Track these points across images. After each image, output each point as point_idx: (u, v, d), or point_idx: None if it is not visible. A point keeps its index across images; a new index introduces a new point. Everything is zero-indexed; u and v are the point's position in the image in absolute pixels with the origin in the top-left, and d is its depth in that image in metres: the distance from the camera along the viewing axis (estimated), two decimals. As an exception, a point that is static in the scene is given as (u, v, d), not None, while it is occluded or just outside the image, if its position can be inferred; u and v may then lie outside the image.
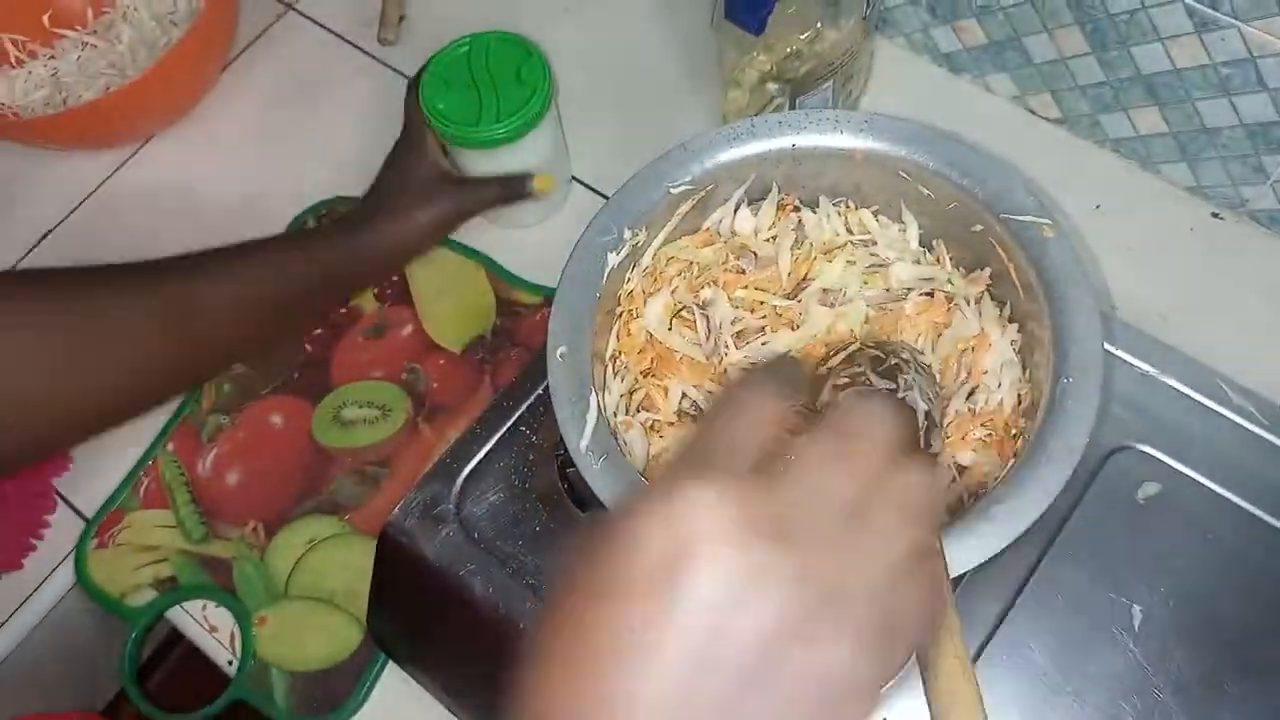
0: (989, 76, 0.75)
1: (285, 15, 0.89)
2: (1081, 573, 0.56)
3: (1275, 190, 0.67)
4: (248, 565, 0.68)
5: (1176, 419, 0.59)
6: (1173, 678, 0.53)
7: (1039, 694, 0.53)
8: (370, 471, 0.70)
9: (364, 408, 0.72)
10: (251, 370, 0.74)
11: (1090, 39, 0.66)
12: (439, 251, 0.76)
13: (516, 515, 0.61)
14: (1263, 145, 0.64)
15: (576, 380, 0.51)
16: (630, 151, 0.58)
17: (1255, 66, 0.60)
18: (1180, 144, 0.68)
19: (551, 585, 0.34)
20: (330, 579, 0.67)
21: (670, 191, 0.56)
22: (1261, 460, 0.58)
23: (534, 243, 0.75)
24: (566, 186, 0.76)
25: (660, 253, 0.59)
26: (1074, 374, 0.49)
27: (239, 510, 0.70)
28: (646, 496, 0.26)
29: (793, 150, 0.57)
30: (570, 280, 0.54)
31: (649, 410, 0.56)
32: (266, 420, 0.72)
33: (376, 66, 0.86)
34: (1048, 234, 0.52)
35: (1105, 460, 0.58)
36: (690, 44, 0.81)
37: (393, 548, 0.61)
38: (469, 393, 0.71)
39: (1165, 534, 0.56)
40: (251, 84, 0.86)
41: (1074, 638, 0.54)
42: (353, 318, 0.75)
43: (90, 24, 0.87)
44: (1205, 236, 0.70)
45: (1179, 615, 0.54)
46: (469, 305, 0.74)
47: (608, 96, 0.81)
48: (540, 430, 0.62)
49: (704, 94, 0.78)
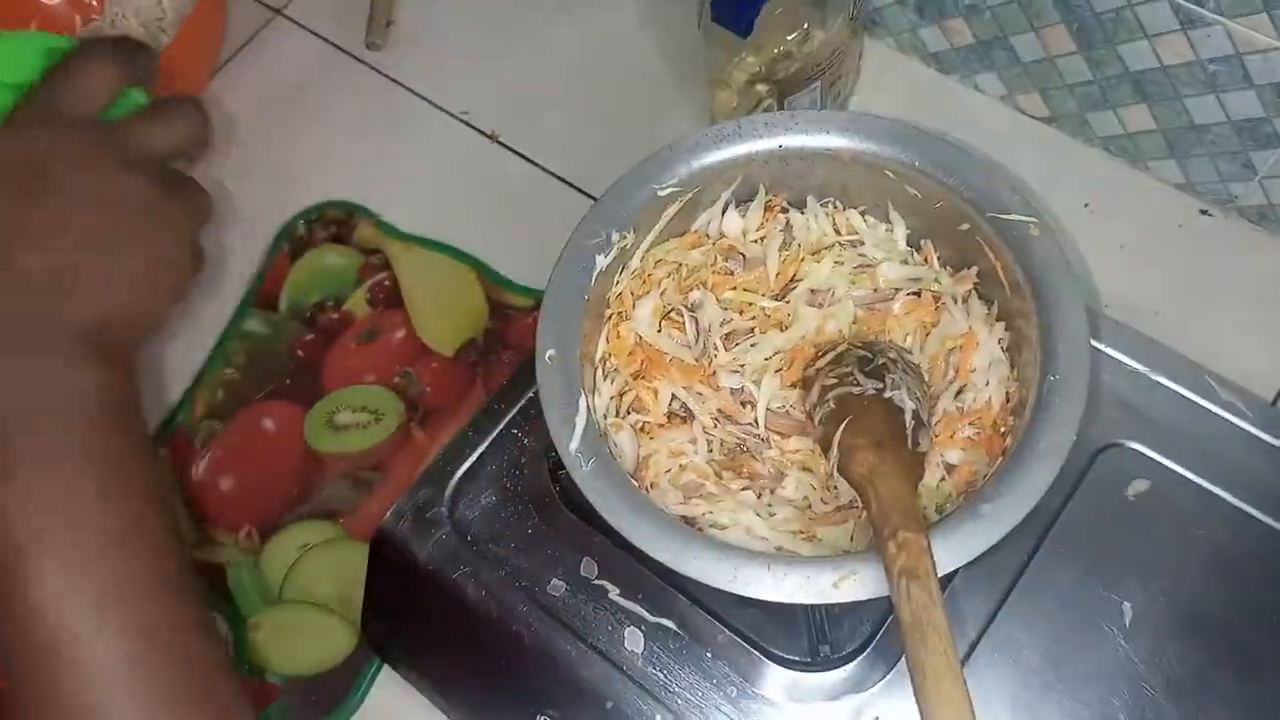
0: (977, 76, 0.75)
1: (273, 21, 0.89)
2: (1071, 570, 0.56)
3: (1264, 187, 0.67)
4: (241, 570, 0.68)
5: (1166, 416, 0.59)
6: (1164, 674, 0.53)
7: (1030, 692, 0.53)
8: (363, 476, 0.70)
9: (357, 412, 0.72)
10: (243, 376, 0.74)
11: (1077, 37, 0.66)
12: (430, 255, 0.76)
13: (509, 518, 0.61)
14: (1251, 142, 0.65)
15: (565, 383, 0.51)
16: (617, 154, 0.58)
17: (1242, 63, 0.60)
18: (1169, 141, 0.68)
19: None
20: (324, 584, 0.67)
21: (658, 194, 0.56)
22: (1251, 457, 0.58)
23: (525, 244, 0.76)
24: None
25: (648, 255, 0.59)
26: (1062, 371, 0.49)
27: (232, 515, 0.70)
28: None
29: (780, 151, 0.57)
30: (558, 283, 0.54)
31: (639, 412, 0.56)
32: (259, 425, 0.72)
33: (364, 70, 0.86)
34: (1034, 232, 0.52)
35: (1094, 457, 0.58)
36: (678, 46, 0.81)
37: (386, 552, 0.61)
38: (461, 396, 0.71)
39: (1155, 531, 0.56)
40: (240, 90, 0.86)
41: (1065, 635, 0.54)
42: (345, 323, 0.75)
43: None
44: (1194, 234, 0.70)
45: (1170, 612, 0.55)
46: (461, 308, 0.74)
47: (595, 98, 0.81)
48: (532, 433, 0.62)
49: (692, 96, 0.78)
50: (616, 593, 0.58)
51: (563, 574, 0.58)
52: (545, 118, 0.81)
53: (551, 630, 0.57)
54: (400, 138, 0.82)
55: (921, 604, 0.41)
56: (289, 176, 0.82)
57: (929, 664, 0.40)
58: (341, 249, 0.78)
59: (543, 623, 0.57)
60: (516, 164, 0.80)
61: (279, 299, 0.77)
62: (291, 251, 0.78)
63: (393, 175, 0.81)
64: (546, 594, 0.58)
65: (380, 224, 0.79)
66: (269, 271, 0.78)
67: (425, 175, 0.80)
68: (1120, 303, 0.68)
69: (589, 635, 0.57)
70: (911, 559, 0.42)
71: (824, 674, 0.54)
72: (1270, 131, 0.63)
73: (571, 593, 0.58)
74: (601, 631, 0.57)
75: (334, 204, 0.80)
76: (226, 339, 0.76)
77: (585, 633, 0.57)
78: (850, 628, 0.56)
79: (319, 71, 0.86)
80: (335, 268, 0.77)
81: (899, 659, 0.54)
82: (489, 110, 0.82)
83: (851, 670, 0.54)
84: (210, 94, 0.86)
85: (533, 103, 0.82)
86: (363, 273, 0.77)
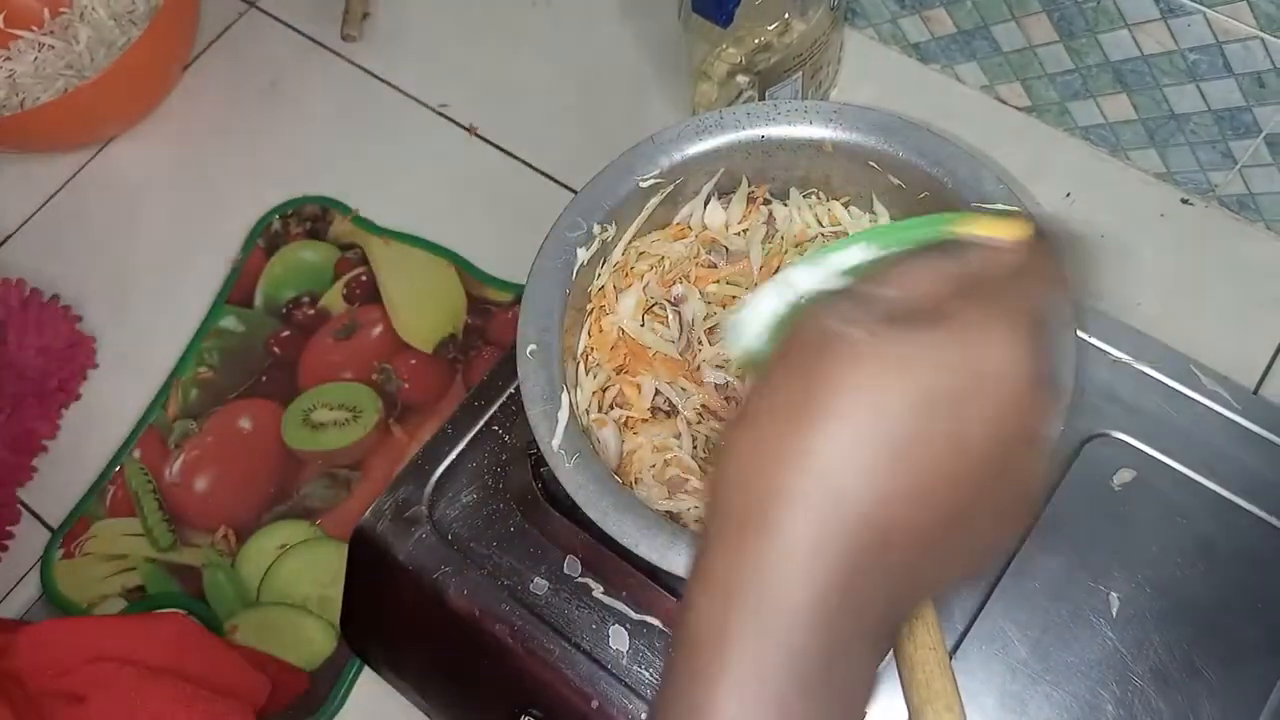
0: (958, 66, 0.75)
1: (247, 13, 0.88)
2: (1058, 561, 0.55)
3: (1243, 176, 0.67)
4: (218, 572, 0.67)
5: (1150, 405, 0.59)
6: (1151, 664, 0.53)
7: (1018, 683, 0.53)
8: (341, 474, 0.69)
9: (334, 410, 0.71)
10: (218, 374, 0.73)
11: (1058, 26, 0.66)
12: (408, 250, 0.75)
13: (490, 516, 0.60)
14: (1230, 131, 0.65)
15: (547, 378, 0.50)
16: (599, 146, 0.57)
17: (1221, 52, 0.60)
18: (1149, 131, 0.68)
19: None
20: (303, 585, 0.66)
21: (639, 185, 0.55)
22: (1235, 445, 0.58)
23: (504, 239, 0.75)
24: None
25: (631, 247, 0.58)
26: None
27: (208, 517, 0.68)
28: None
29: (762, 141, 0.56)
30: (539, 276, 0.53)
31: (622, 407, 0.55)
32: (235, 424, 0.71)
33: (340, 63, 0.84)
34: (1019, 222, 0.52)
35: (1080, 448, 0.58)
36: (659, 37, 0.81)
37: (365, 551, 0.60)
38: (440, 392, 0.70)
39: (1141, 520, 0.56)
40: (214, 83, 0.85)
41: (1052, 626, 0.54)
42: (321, 318, 0.74)
43: (47, 24, 0.85)
44: (1175, 223, 0.70)
45: (1156, 601, 0.54)
46: (439, 304, 0.73)
47: (576, 90, 0.80)
48: (513, 429, 0.61)
49: (673, 87, 0.78)
50: (600, 590, 0.57)
51: (545, 572, 0.58)
52: (525, 111, 0.80)
53: (535, 629, 0.56)
54: (377, 132, 0.81)
55: (910, 597, 0.40)
56: (263, 171, 0.80)
57: (917, 657, 0.39)
58: (317, 244, 0.77)
59: (526, 622, 0.57)
60: (495, 157, 0.79)
61: (254, 295, 0.76)
62: (267, 247, 0.77)
63: (369, 170, 0.80)
64: (529, 593, 0.57)
65: (357, 219, 0.77)
66: (244, 268, 0.77)
67: (402, 169, 0.79)
68: (1103, 293, 0.67)
69: (573, 634, 0.56)
70: (899, 552, 0.42)
71: (811, 669, 0.54)
72: (1250, 120, 0.63)
73: (554, 591, 0.57)
74: (585, 630, 0.56)
75: (310, 199, 0.78)
76: (201, 336, 0.74)
77: (569, 631, 0.56)
78: (837, 622, 0.55)
79: (294, 65, 0.85)
80: (311, 263, 0.76)
81: (886, 653, 0.53)
82: (468, 103, 0.81)
83: (838, 665, 0.54)
84: (182, 88, 0.85)
85: (512, 96, 0.81)
86: (339, 268, 0.76)
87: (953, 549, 0.28)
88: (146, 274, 0.78)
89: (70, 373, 0.74)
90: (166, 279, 0.78)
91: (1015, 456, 0.27)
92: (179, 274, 0.78)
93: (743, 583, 0.26)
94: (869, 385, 0.26)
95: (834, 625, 0.26)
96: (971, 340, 0.26)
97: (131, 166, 0.83)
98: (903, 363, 0.26)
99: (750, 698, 0.25)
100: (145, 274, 0.78)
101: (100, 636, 0.57)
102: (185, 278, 0.77)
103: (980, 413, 0.26)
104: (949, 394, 0.26)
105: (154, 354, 0.75)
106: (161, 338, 0.75)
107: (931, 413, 0.26)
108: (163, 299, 0.77)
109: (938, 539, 0.27)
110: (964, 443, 0.26)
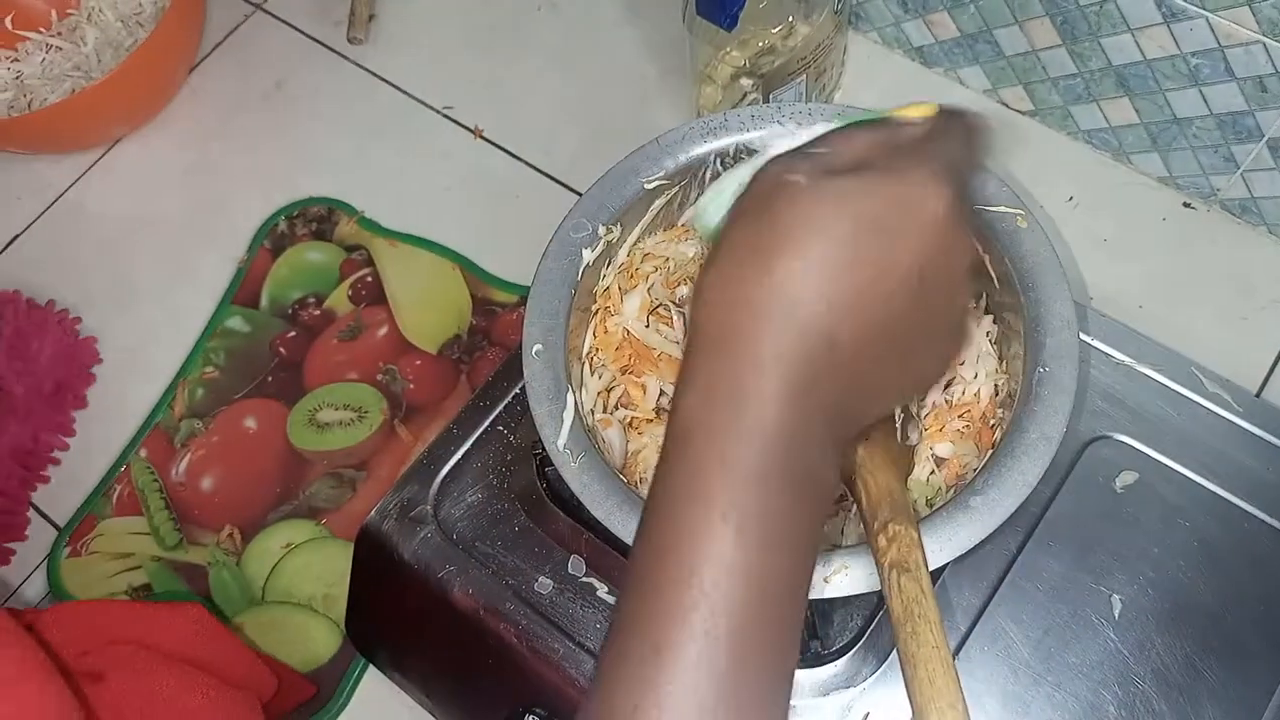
0: (961, 69, 0.75)
1: (254, 15, 0.89)
2: (1061, 562, 0.56)
3: (1245, 180, 0.67)
4: (223, 571, 0.67)
5: (1153, 408, 0.59)
6: (1153, 665, 0.53)
7: (1020, 684, 0.53)
8: (347, 474, 0.69)
9: (340, 410, 0.71)
10: (224, 374, 0.73)
11: (1060, 30, 0.66)
12: (413, 251, 0.75)
13: (495, 515, 0.60)
14: (1232, 135, 0.65)
15: (552, 378, 0.51)
16: (603, 148, 0.58)
17: (1224, 56, 0.61)
18: (1151, 135, 0.69)
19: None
20: (308, 584, 0.66)
21: (644, 187, 0.56)
22: (1237, 447, 0.58)
23: (509, 240, 0.75)
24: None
25: (636, 249, 0.58)
26: (1050, 364, 0.49)
27: (214, 516, 0.69)
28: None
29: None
30: (545, 278, 0.53)
31: (627, 407, 0.56)
32: (240, 424, 0.72)
33: (346, 66, 0.85)
34: (1022, 224, 0.52)
35: (1083, 450, 0.58)
36: (663, 40, 0.81)
37: (370, 550, 0.61)
38: (445, 393, 0.71)
39: (1144, 522, 0.56)
40: (220, 85, 0.86)
41: (1054, 627, 0.54)
42: (327, 319, 0.74)
43: (54, 26, 0.86)
44: (1178, 226, 0.70)
45: (1158, 603, 0.55)
46: (445, 305, 0.74)
47: (581, 93, 0.80)
48: (518, 429, 0.61)
49: (677, 90, 0.78)
50: (605, 590, 0.57)
51: (550, 572, 0.58)
52: (529, 113, 0.80)
53: (539, 628, 0.56)
54: (383, 133, 0.81)
55: (912, 596, 0.41)
56: (269, 172, 0.81)
57: (921, 656, 0.39)
58: (323, 245, 0.77)
59: (530, 621, 0.57)
60: (500, 159, 0.79)
61: (260, 296, 0.76)
62: (273, 248, 0.78)
63: (375, 171, 0.80)
64: (534, 592, 0.57)
65: (362, 220, 0.78)
66: (250, 268, 0.77)
67: (408, 171, 0.80)
68: (1105, 296, 0.68)
69: (577, 633, 0.56)
70: (902, 552, 0.42)
71: (815, 670, 0.54)
72: (1252, 124, 0.63)
73: (559, 590, 0.57)
74: (590, 629, 0.56)
75: (315, 200, 0.79)
76: (207, 336, 0.75)
77: (573, 631, 0.56)
78: (840, 622, 0.55)
79: (300, 67, 0.85)
80: (317, 264, 0.77)
81: (890, 653, 0.54)
82: (473, 105, 0.81)
83: (842, 665, 0.54)
84: (189, 89, 0.85)
85: (516, 98, 0.81)
86: (345, 269, 0.76)
87: (892, 362, 0.33)
88: (153, 274, 0.79)
89: (79, 380, 0.74)
90: (173, 279, 0.78)
91: (940, 283, 0.33)
92: (185, 274, 0.78)
93: (720, 381, 0.31)
94: (812, 215, 0.31)
95: (797, 412, 0.31)
96: (897, 180, 0.32)
97: (138, 167, 0.83)
98: (840, 197, 0.31)
99: (732, 474, 0.31)
100: (151, 274, 0.79)
101: (120, 620, 0.59)
102: (191, 278, 0.78)
103: (905, 239, 0.32)
104: (879, 221, 0.31)
105: (160, 354, 0.75)
106: (168, 337, 0.76)
107: (865, 237, 0.31)
108: (169, 299, 0.77)
109: (879, 351, 0.32)
110: (894, 261, 0.32)
